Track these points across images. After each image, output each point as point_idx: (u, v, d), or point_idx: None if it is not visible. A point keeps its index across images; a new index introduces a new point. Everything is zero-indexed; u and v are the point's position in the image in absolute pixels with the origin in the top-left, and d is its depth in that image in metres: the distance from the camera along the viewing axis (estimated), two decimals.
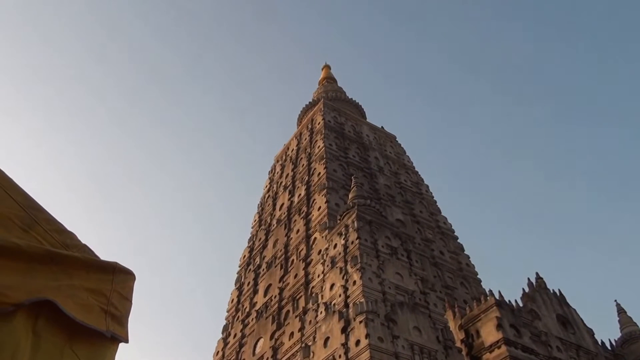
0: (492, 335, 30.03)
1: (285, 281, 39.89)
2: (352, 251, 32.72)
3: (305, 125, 56.50)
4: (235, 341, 40.83)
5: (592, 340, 35.23)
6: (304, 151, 51.98)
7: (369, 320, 27.21)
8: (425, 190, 51.24)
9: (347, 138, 52.15)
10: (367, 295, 29.13)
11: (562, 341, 32.90)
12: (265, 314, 39.51)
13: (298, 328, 33.00)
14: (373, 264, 31.49)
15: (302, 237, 41.30)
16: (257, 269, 45.23)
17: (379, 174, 48.80)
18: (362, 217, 35.07)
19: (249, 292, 43.83)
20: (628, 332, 45.69)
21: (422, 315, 29.68)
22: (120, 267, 2.48)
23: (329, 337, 28.72)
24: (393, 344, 26.86)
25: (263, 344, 37.26)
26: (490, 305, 31.31)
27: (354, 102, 64.27)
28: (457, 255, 44.72)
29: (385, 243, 34.08)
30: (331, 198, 41.59)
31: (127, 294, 2.49)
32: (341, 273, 31.82)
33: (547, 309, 34.92)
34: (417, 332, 28.50)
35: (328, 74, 71.63)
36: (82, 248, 2.43)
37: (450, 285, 40.72)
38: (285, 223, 45.25)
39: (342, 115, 56.47)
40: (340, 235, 34.78)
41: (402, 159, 54.74)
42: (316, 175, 45.83)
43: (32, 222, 2.32)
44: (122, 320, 2.43)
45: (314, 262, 37.33)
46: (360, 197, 37.85)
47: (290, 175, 50.99)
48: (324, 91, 65.51)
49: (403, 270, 32.65)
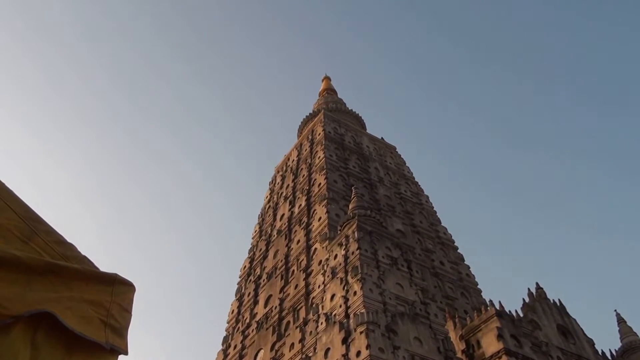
0: (492, 345, 29.94)
1: (285, 292, 39.79)
2: (352, 262, 32.66)
3: (305, 136, 56.60)
4: (235, 352, 40.66)
5: (593, 350, 35.13)
6: (304, 162, 52.03)
7: (369, 330, 27.11)
8: (425, 201, 51.24)
9: (347, 149, 52.22)
10: (368, 305, 29.05)
11: (563, 351, 32.79)
12: (266, 325, 39.37)
13: (299, 339, 32.88)
14: (373, 275, 31.42)
15: (302, 247, 41.24)
16: (258, 280, 45.13)
17: (379, 184, 48.81)
18: (363, 228, 35.03)
19: (249, 302, 43.71)
20: (628, 341, 45.60)
21: (422, 326, 29.59)
22: (120, 278, 2.48)
23: (329, 348, 28.61)
24: (394, 354, 26.75)
25: (263, 355, 37.10)
26: (491, 315, 31.24)
27: (354, 113, 64.35)
28: (458, 265, 44.65)
29: (386, 253, 34.01)
30: (331, 209, 41.57)
31: (127, 305, 2.48)
32: (342, 284, 31.75)
33: (548, 319, 34.83)
34: (418, 342, 28.40)
35: (328, 85, 71.84)
36: (81, 259, 2.43)
37: (451, 295, 40.64)
38: (286, 234, 45.20)
39: (342, 126, 56.57)
40: (341, 245, 34.73)
41: (402, 170, 54.78)
42: (317, 185, 45.85)
43: (31, 234, 2.32)
44: (121, 332, 2.42)
45: (315, 273, 37.26)
46: (361, 208, 37.83)
47: (290, 185, 51.00)
48: (324, 102, 65.64)
49: (403, 281, 32.57)
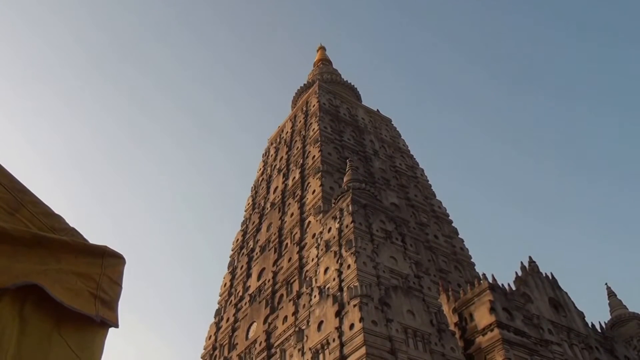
0: (485, 318, 30.20)
1: (279, 265, 39.90)
2: (346, 235, 32.72)
3: (300, 107, 56.25)
4: (228, 325, 40.88)
5: (583, 323, 35.53)
6: (298, 134, 51.80)
7: (363, 304, 27.27)
8: (420, 174, 51.23)
9: (342, 121, 52.00)
10: (362, 279, 29.17)
11: (554, 324, 33.13)
12: (259, 298, 39.54)
13: (292, 312, 33.06)
14: (367, 248, 31.51)
15: (296, 220, 41.25)
16: (251, 253, 45.22)
17: (374, 157, 48.73)
18: (357, 201, 35.03)
19: (242, 276, 43.83)
20: (618, 314, 46.23)
21: (416, 299, 29.78)
22: (110, 250, 2.43)
23: (322, 321, 28.79)
24: (387, 327, 26.95)
25: (256, 328, 37.32)
26: (484, 288, 31.46)
27: (349, 85, 63.94)
28: (452, 239, 44.84)
29: (380, 227, 34.06)
30: (326, 181, 41.52)
31: (117, 278, 2.44)
32: (335, 257, 31.83)
33: (540, 292, 35.13)
34: (411, 315, 28.60)
35: (323, 55, 71.23)
36: (70, 231, 2.38)
37: (445, 269, 40.87)
38: (279, 206, 45.18)
39: (337, 97, 56.23)
40: (335, 219, 34.76)
41: (398, 143, 54.66)
42: (311, 158, 45.70)
43: (18, 205, 2.27)
44: (112, 304, 2.38)
45: (308, 246, 37.33)
46: (355, 181, 37.81)
47: (284, 158, 50.84)
48: (319, 73, 65.18)
49: (397, 254, 32.69)
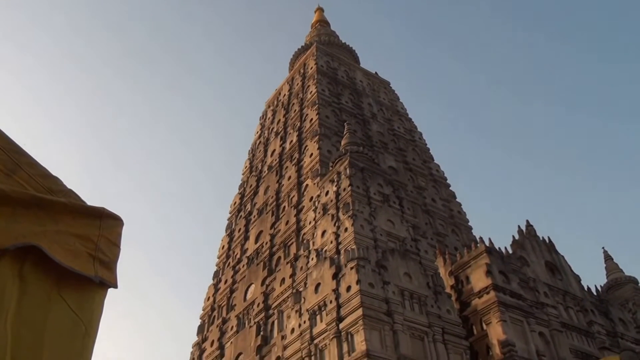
0: (481, 281, 30.47)
1: (276, 228, 40.07)
2: (344, 198, 32.81)
3: (297, 69, 55.82)
4: (226, 287, 41.23)
5: (579, 286, 35.88)
6: (296, 96, 51.52)
7: (360, 266, 27.47)
8: (418, 138, 51.14)
9: (340, 83, 51.67)
10: (359, 242, 29.35)
11: (550, 287, 33.46)
12: (257, 261, 39.81)
13: (289, 274, 33.31)
14: (365, 211, 31.63)
15: (293, 183, 41.31)
16: (248, 216, 45.37)
17: (372, 120, 48.57)
18: (355, 164, 35.04)
19: (240, 238, 44.06)
20: (614, 278, 46.70)
21: (412, 262, 30.00)
22: (107, 212, 2.43)
23: (320, 283, 29.04)
24: (383, 289, 27.20)
25: (254, 289, 37.66)
26: (480, 252, 31.68)
27: (348, 47, 63.35)
28: (449, 202, 44.98)
29: (378, 190, 34.14)
30: (323, 145, 41.44)
31: (115, 239, 2.44)
32: (333, 220, 31.97)
33: (536, 256, 35.40)
34: (408, 278, 28.84)
35: (321, 16, 70.42)
36: (67, 193, 2.37)
37: (442, 232, 41.09)
38: (277, 169, 45.18)
39: (335, 60, 55.78)
40: (332, 182, 34.81)
41: (396, 106, 54.43)
42: (308, 121, 45.55)
43: (15, 167, 2.25)
44: (110, 265, 2.39)
45: (306, 209, 37.44)
46: (353, 144, 37.76)
47: (281, 121, 50.64)
48: (316, 35, 64.54)
49: (395, 218, 32.83)
